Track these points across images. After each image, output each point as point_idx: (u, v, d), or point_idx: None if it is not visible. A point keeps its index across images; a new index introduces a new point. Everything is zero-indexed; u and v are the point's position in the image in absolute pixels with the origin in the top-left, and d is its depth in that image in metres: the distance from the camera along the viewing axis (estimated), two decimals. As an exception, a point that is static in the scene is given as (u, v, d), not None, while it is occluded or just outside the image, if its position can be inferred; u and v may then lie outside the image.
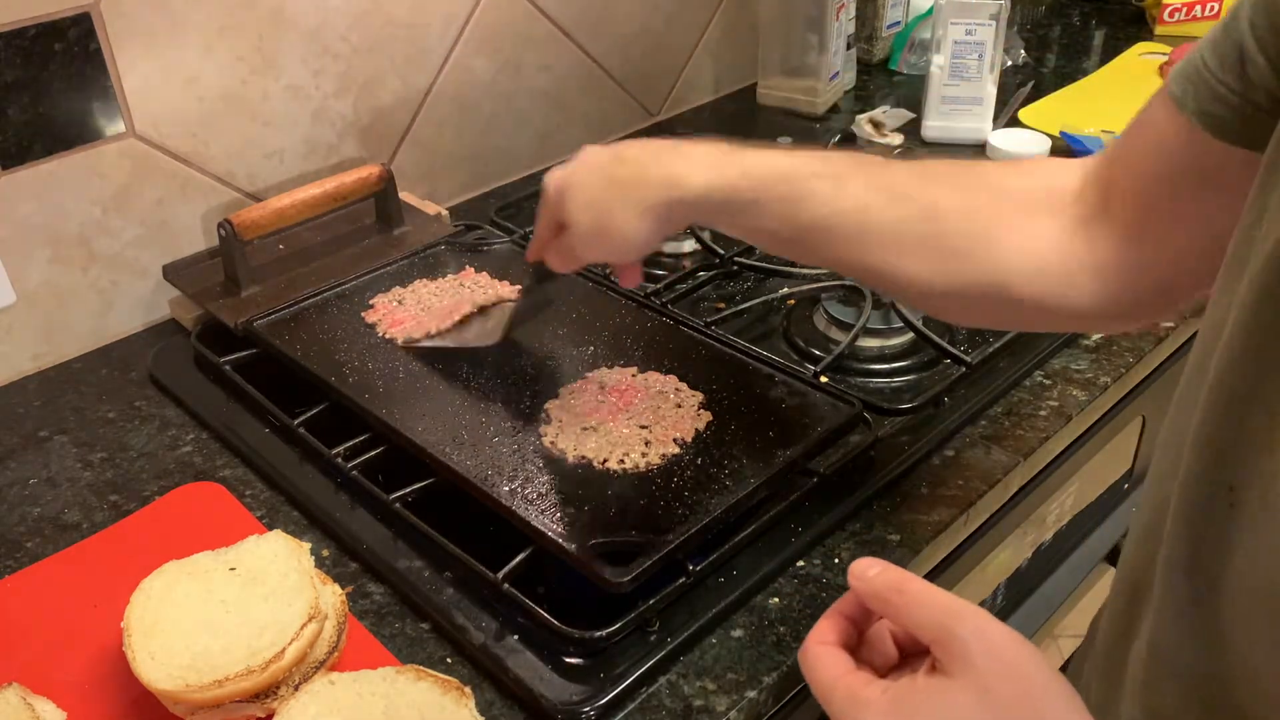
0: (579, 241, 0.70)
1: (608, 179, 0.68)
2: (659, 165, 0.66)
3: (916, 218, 0.62)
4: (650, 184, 0.66)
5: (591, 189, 0.68)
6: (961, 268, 0.62)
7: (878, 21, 1.55)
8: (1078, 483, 1.02)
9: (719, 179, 0.65)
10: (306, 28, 1.04)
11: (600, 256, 0.71)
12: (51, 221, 0.94)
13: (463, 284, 0.98)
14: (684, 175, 0.65)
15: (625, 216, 0.67)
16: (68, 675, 0.66)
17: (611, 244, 0.68)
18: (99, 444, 0.88)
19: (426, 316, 0.92)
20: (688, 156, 0.66)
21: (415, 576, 0.72)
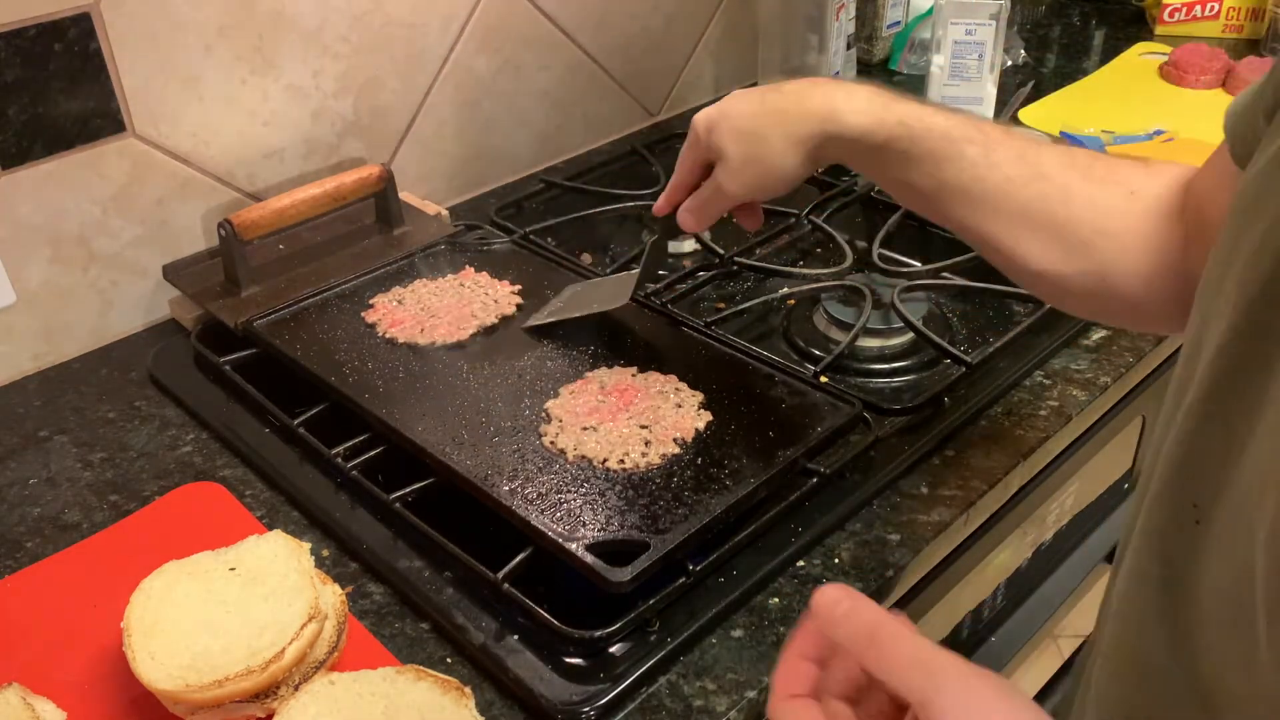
0: (728, 173, 0.70)
1: (764, 107, 0.69)
2: (818, 97, 0.67)
3: (1053, 198, 0.64)
4: (808, 115, 0.67)
5: (746, 117, 0.69)
6: (1077, 256, 0.64)
7: (878, 21, 1.55)
8: (1078, 483, 1.02)
9: (878, 123, 0.66)
10: (306, 28, 1.04)
11: (746, 189, 0.71)
12: (51, 221, 0.94)
13: (463, 284, 0.98)
14: (844, 111, 0.66)
15: (780, 145, 0.68)
16: (68, 675, 0.66)
17: (761, 173, 0.69)
18: (99, 444, 0.88)
19: (438, 324, 0.92)
20: (849, 93, 0.67)
21: (415, 576, 0.72)
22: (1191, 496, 0.46)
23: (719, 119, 0.71)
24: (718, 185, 0.72)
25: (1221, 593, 0.45)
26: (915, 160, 0.66)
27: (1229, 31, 1.61)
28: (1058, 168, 0.65)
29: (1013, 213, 0.65)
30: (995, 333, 0.95)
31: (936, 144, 0.66)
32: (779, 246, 1.10)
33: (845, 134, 0.67)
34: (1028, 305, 0.98)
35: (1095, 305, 0.68)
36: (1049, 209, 0.64)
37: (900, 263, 1.03)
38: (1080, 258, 0.64)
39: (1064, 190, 0.64)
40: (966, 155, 0.65)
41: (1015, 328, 0.94)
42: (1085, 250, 0.64)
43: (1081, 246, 0.64)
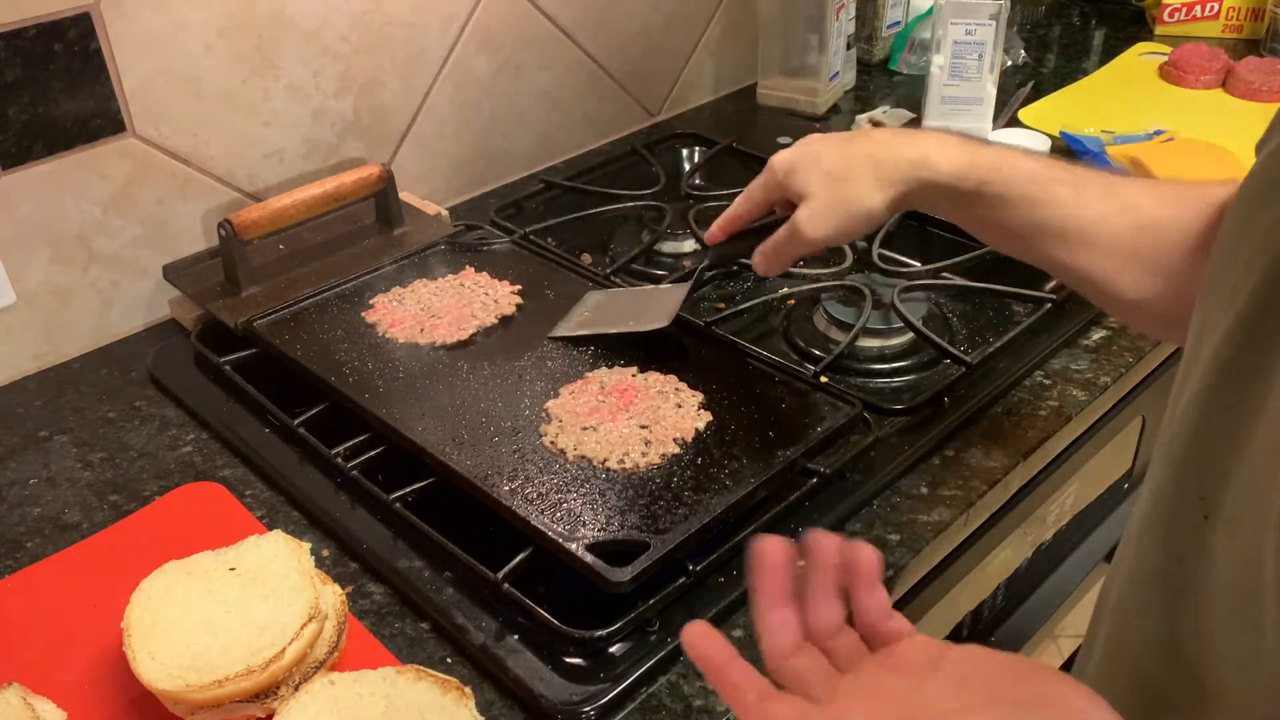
0: (812, 215, 0.70)
1: (854, 151, 0.69)
2: (910, 144, 0.68)
3: (1145, 229, 0.65)
4: (900, 161, 0.68)
5: (837, 160, 0.69)
6: (1175, 283, 0.64)
7: (878, 21, 1.55)
8: (1078, 483, 1.02)
9: (971, 168, 0.67)
10: (306, 28, 1.04)
11: (829, 232, 0.71)
12: (51, 221, 0.94)
13: (463, 284, 0.98)
14: (937, 159, 0.67)
15: (869, 188, 0.68)
16: (68, 675, 0.66)
17: (847, 217, 0.69)
18: (99, 444, 0.88)
19: (438, 324, 0.92)
20: (940, 141, 0.68)
21: (415, 576, 0.72)
22: (1199, 489, 0.46)
23: (803, 161, 0.70)
24: (797, 228, 0.72)
25: (1229, 585, 0.45)
26: (1009, 203, 0.67)
27: (1229, 31, 1.61)
28: (1148, 200, 0.66)
29: (1108, 248, 0.66)
30: (995, 333, 0.95)
31: (1028, 187, 0.67)
32: (779, 246, 1.10)
33: (938, 181, 0.68)
34: (1028, 305, 0.98)
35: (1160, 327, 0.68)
36: (1141, 240, 0.65)
37: (900, 263, 1.03)
38: (1179, 284, 0.64)
39: (1155, 220, 0.65)
40: (1058, 196, 0.66)
41: (1015, 328, 0.94)
42: (1184, 277, 0.63)
43: (1179, 274, 0.64)
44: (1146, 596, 0.51)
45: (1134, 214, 0.66)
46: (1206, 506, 0.46)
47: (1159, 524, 0.50)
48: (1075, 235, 0.66)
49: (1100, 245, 0.66)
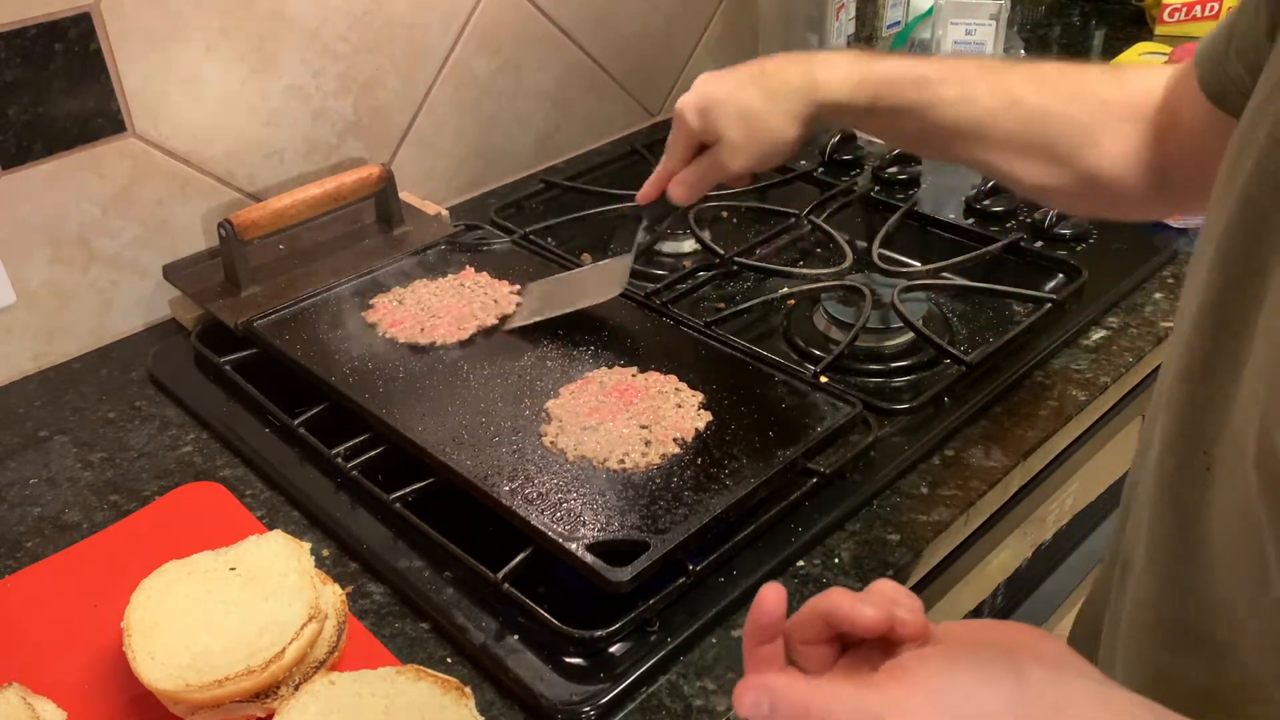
0: (732, 152, 0.75)
1: (754, 87, 0.73)
2: (801, 72, 0.73)
3: (1033, 122, 0.71)
4: (795, 90, 0.73)
5: (742, 101, 0.74)
6: (1061, 168, 0.71)
7: (878, 21, 1.55)
8: (1078, 483, 1.02)
9: (860, 85, 0.73)
10: (306, 28, 1.04)
11: (750, 164, 0.76)
12: (51, 221, 0.94)
13: (463, 284, 0.98)
14: (830, 82, 0.73)
15: (779, 122, 0.73)
16: (68, 675, 0.66)
17: (764, 149, 0.74)
18: (99, 444, 0.88)
19: (438, 324, 0.92)
20: (828, 64, 0.73)
21: (415, 576, 0.72)
22: (1201, 443, 0.49)
23: (711, 104, 0.74)
24: (719, 162, 0.76)
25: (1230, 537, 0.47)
26: (902, 112, 0.73)
27: (1229, 31, 1.61)
28: (1032, 91, 0.71)
29: (999, 141, 0.71)
30: (995, 333, 0.95)
31: (917, 94, 0.72)
32: (779, 246, 1.10)
33: (833, 101, 0.73)
34: (1027, 305, 0.98)
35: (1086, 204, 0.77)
36: (1031, 132, 0.71)
37: (900, 263, 1.03)
38: (1068, 169, 0.71)
39: (1042, 112, 0.71)
40: (946, 98, 0.72)
41: (1015, 328, 0.94)
42: (1071, 162, 0.70)
43: (1067, 159, 0.70)
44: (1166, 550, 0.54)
45: (1019, 107, 0.71)
46: (1209, 459, 0.49)
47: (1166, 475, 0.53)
48: (968, 133, 0.72)
49: (993, 139, 0.71)
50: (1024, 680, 0.41)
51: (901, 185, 1.20)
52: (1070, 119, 0.70)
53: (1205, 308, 0.49)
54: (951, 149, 0.74)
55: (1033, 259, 1.05)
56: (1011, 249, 1.06)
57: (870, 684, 0.41)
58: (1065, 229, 1.08)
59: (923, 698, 0.40)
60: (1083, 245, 1.08)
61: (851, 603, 0.43)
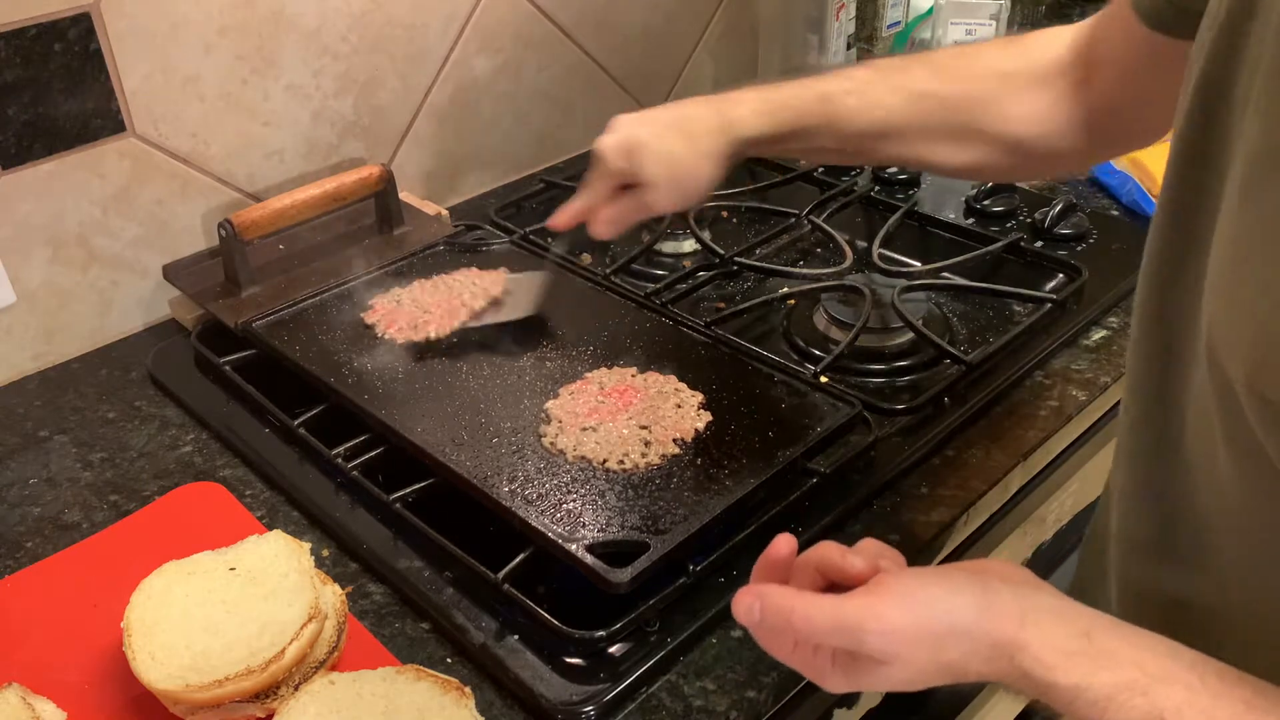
0: (658, 195, 0.77)
1: (679, 134, 0.75)
2: (718, 115, 0.75)
3: (936, 111, 0.73)
4: (715, 132, 0.75)
5: (666, 145, 0.76)
6: (980, 145, 0.73)
7: (878, 21, 1.55)
8: (1078, 483, 1.02)
9: (770, 117, 0.75)
10: (306, 28, 1.04)
11: (675, 204, 0.78)
12: (51, 221, 0.94)
13: (456, 280, 0.98)
14: (740, 119, 0.75)
15: (700, 163, 0.75)
16: (68, 675, 0.66)
17: (689, 190, 0.77)
18: (99, 444, 0.88)
19: (430, 319, 0.92)
20: (738, 102, 0.76)
21: (415, 576, 0.72)
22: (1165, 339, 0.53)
23: (635, 147, 0.75)
24: (645, 204, 0.77)
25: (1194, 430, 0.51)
26: (813, 131, 0.75)
27: (1229, 31, 1.60)
28: (931, 81, 0.74)
29: (912, 134, 0.74)
30: (995, 333, 0.95)
31: (822, 111, 0.74)
32: (779, 246, 1.10)
33: (746, 135, 0.75)
34: (1027, 305, 0.98)
35: (1020, 172, 0.82)
36: (939, 119, 0.73)
37: (900, 263, 1.03)
38: (986, 146, 0.73)
39: (943, 101, 0.73)
40: (850, 106, 0.74)
41: (1015, 328, 0.94)
42: (987, 138, 0.73)
43: (982, 137, 0.73)
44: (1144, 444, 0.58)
45: (923, 99, 0.73)
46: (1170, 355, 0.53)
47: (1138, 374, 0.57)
48: (880, 134, 0.74)
49: (906, 134, 0.74)
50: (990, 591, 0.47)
51: (901, 185, 1.20)
52: (974, 98, 0.73)
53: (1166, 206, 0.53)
54: (870, 153, 0.77)
55: (1033, 259, 1.05)
56: (1011, 249, 1.05)
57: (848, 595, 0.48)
58: (1065, 229, 1.08)
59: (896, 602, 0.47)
60: (1083, 245, 1.08)
61: (841, 553, 0.50)
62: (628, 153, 0.75)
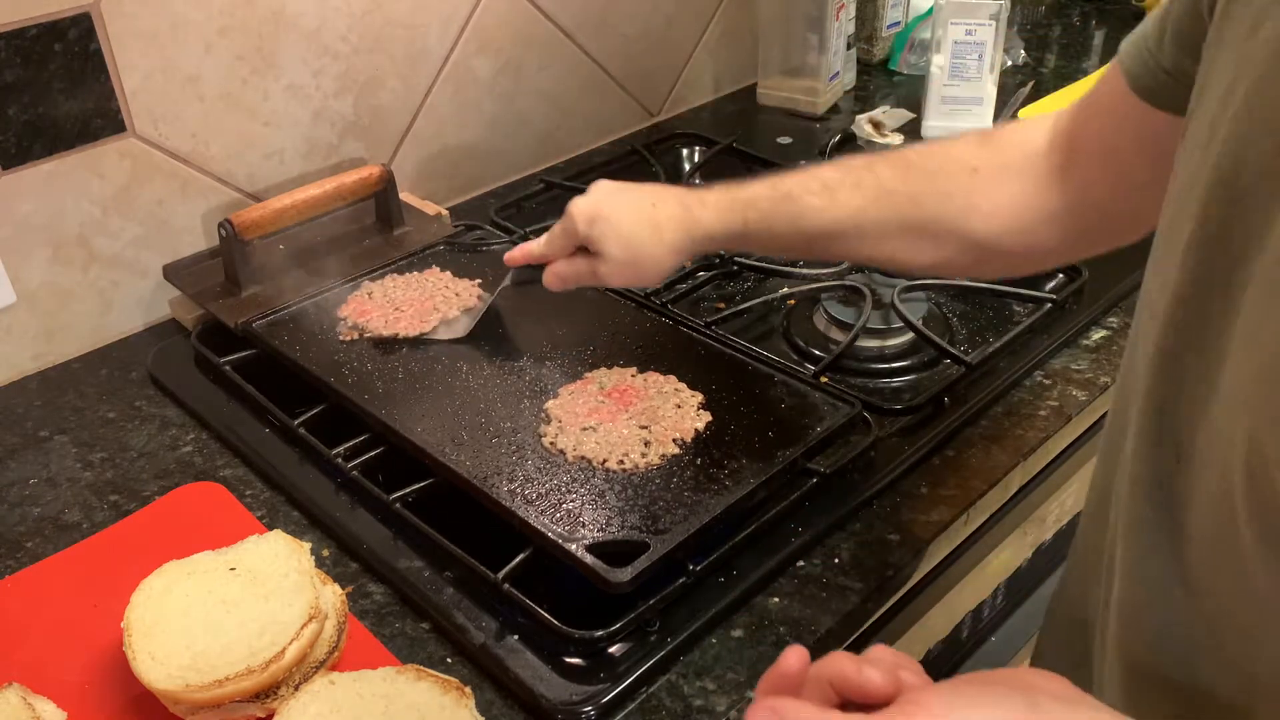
0: (610, 270, 0.78)
1: (647, 221, 0.76)
2: (684, 210, 0.76)
3: (903, 208, 0.70)
4: (680, 226, 0.76)
5: (627, 224, 0.76)
6: (946, 243, 0.70)
7: (878, 21, 1.55)
8: (1078, 483, 1.02)
9: (733, 214, 0.75)
10: (306, 28, 1.04)
11: (624, 282, 0.79)
12: (51, 221, 0.94)
13: (428, 280, 0.98)
14: (703, 217, 0.76)
15: (657, 252, 0.76)
16: (68, 675, 0.66)
17: (640, 273, 0.77)
18: (99, 444, 0.88)
19: (400, 316, 0.92)
20: (703, 201, 0.76)
21: (415, 576, 0.72)
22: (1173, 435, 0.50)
23: (601, 219, 0.76)
24: (596, 273, 0.78)
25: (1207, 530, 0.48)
26: (776, 229, 0.74)
27: (1229, 31, 1.61)
28: (897, 179, 0.71)
29: (875, 233, 0.71)
30: (995, 333, 0.95)
31: (786, 209, 0.73)
32: (779, 246, 1.10)
33: (709, 233, 0.76)
34: (1027, 305, 0.98)
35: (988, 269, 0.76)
36: (904, 216, 0.70)
37: (900, 263, 1.03)
38: (954, 243, 0.70)
39: (910, 197, 0.70)
40: (814, 207, 0.72)
41: (1015, 328, 0.94)
42: (954, 235, 0.70)
43: (949, 234, 0.70)
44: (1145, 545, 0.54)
45: (889, 197, 0.71)
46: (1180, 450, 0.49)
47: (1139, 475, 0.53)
48: (842, 233, 0.72)
49: (869, 233, 0.72)
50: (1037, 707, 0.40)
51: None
52: (941, 193, 0.70)
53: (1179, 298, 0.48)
54: (834, 249, 0.75)
55: (1033, 259, 1.05)
56: (1011, 249, 1.05)
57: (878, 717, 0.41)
58: (1065, 229, 1.08)
59: None
60: (1083, 245, 1.08)
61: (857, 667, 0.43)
62: (593, 221, 0.77)
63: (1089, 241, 0.70)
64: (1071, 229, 0.68)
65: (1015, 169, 0.68)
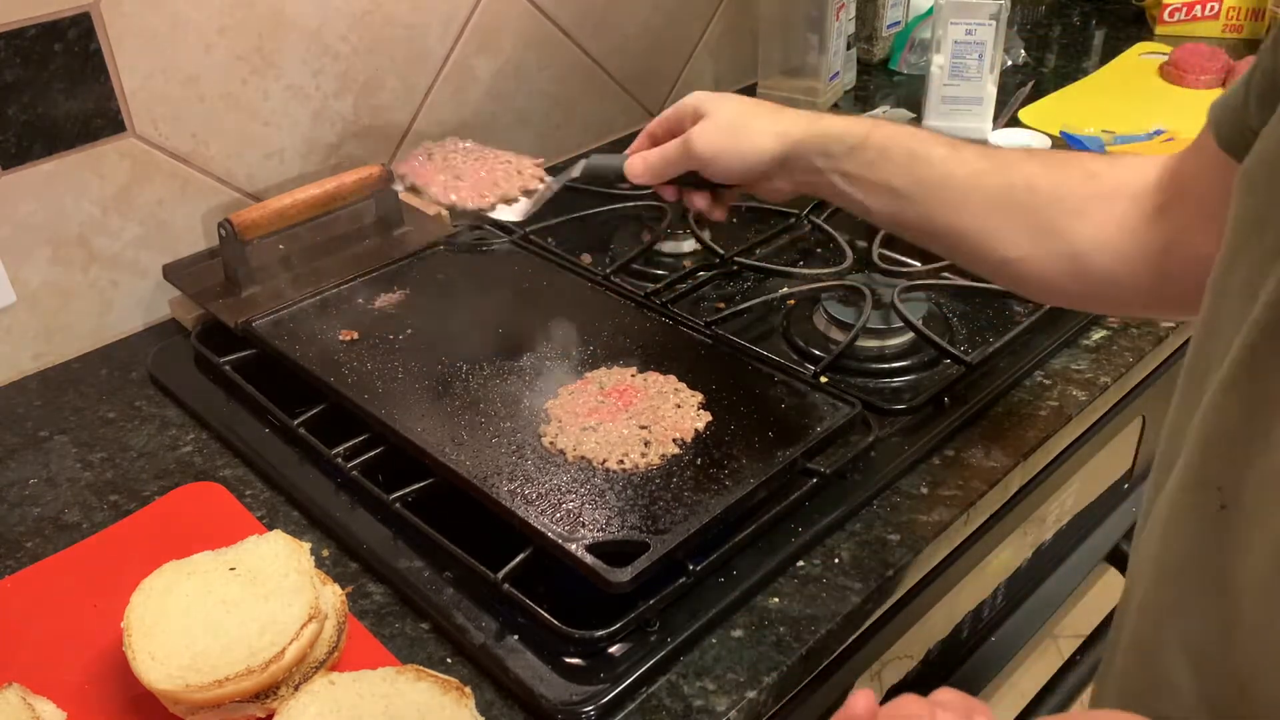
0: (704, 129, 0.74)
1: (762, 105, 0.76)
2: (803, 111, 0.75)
3: (1018, 187, 0.69)
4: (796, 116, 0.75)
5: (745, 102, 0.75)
6: (1048, 239, 0.68)
7: (878, 21, 1.55)
8: (1078, 483, 1.02)
9: (855, 122, 0.73)
10: (306, 28, 1.04)
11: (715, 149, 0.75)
12: (51, 221, 0.94)
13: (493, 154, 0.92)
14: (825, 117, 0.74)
15: (763, 126, 0.73)
16: (68, 675, 0.66)
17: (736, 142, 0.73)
18: (99, 444, 0.88)
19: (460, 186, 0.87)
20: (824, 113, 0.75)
21: (415, 576, 0.72)
22: (1217, 480, 0.47)
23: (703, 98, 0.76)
24: (689, 137, 0.76)
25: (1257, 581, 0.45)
26: (891, 158, 0.71)
27: (1229, 31, 1.61)
28: (1020, 160, 0.70)
29: (982, 203, 0.69)
30: (995, 333, 0.95)
31: (908, 142, 0.71)
32: (779, 246, 1.10)
33: (827, 131, 0.73)
34: (1027, 305, 0.98)
35: (1074, 289, 0.70)
36: (1016, 197, 0.69)
37: (900, 263, 1.03)
38: (1051, 240, 0.68)
39: (1028, 178, 0.69)
40: (937, 152, 0.71)
41: (1015, 328, 0.94)
42: (1055, 232, 0.68)
43: (1051, 229, 0.68)
44: (1175, 594, 0.51)
45: (1008, 171, 0.69)
46: (1223, 496, 0.47)
47: (1182, 518, 0.50)
48: (951, 190, 0.70)
49: (975, 201, 0.70)
50: None
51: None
52: (1057, 186, 0.68)
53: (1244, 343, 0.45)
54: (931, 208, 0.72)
55: (1033, 259, 1.05)
56: (1011, 249, 1.05)
57: None
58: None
59: None
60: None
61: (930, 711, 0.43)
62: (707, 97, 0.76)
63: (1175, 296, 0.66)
64: (1161, 274, 0.65)
65: (1128, 192, 0.67)
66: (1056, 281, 0.70)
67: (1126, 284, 0.67)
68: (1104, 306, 0.80)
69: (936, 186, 0.70)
